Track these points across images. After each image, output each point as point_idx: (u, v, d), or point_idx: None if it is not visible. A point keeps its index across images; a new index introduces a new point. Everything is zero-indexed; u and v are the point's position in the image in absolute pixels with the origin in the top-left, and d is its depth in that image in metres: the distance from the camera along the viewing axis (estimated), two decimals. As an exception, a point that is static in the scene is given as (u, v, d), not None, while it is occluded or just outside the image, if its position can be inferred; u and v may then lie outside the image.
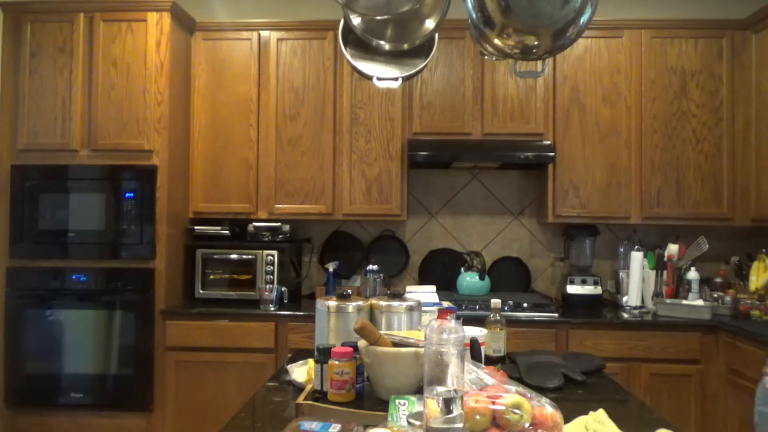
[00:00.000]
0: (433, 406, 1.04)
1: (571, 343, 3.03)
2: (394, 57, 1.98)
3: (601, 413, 1.34)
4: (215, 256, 3.35)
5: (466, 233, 3.77)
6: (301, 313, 3.14)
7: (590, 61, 3.40)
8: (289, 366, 1.84)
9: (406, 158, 3.38)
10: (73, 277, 3.17)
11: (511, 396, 1.13)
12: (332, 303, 1.82)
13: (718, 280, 3.37)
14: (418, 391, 1.41)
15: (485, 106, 3.41)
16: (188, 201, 3.47)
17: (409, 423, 1.15)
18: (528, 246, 3.75)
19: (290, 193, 3.45)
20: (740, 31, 3.35)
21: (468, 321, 1.80)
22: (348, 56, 1.98)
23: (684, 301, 3.04)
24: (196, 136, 3.48)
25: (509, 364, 1.95)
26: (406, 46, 1.90)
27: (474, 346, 1.75)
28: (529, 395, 1.15)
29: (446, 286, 3.55)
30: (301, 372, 1.79)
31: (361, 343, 1.57)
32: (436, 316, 1.12)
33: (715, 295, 3.25)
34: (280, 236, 3.44)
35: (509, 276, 3.72)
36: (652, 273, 3.32)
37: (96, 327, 3.15)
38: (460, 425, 1.04)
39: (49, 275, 3.17)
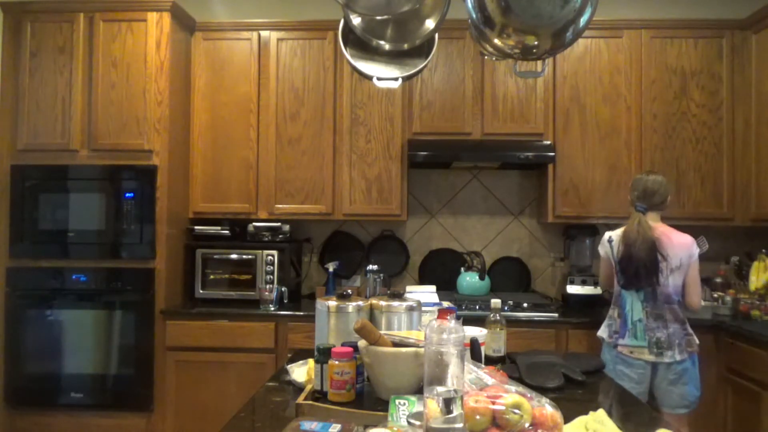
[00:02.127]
0: (433, 406, 1.04)
1: (571, 343, 3.03)
2: (394, 57, 1.98)
3: (601, 413, 1.33)
4: (215, 256, 3.35)
5: (466, 233, 3.77)
6: (301, 313, 3.14)
7: (590, 61, 3.40)
8: (289, 366, 1.84)
9: (406, 158, 3.38)
10: (73, 277, 3.17)
11: (511, 396, 1.13)
12: (332, 303, 1.82)
13: (718, 280, 3.37)
14: (418, 391, 1.41)
15: (485, 106, 3.41)
16: (188, 201, 3.47)
17: (409, 423, 1.15)
18: (528, 246, 3.75)
19: (290, 193, 3.45)
20: (740, 31, 3.35)
21: (468, 321, 1.80)
22: (348, 56, 1.98)
23: (684, 301, 3.04)
24: (196, 136, 3.48)
25: (509, 364, 1.95)
26: (406, 46, 1.90)
27: (474, 346, 1.75)
28: (529, 395, 1.15)
29: (446, 286, 3.55)
30: (301, 372, 1.79)
31: (361, 343, 1.57)
32: (436, 316, 1.12)
33: (715, 295, 3.25)
34: (280, 236, 3.43)
35: (509, 276, 3.72)
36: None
37: (96, 327, 3.15)
38: (460, 425, 1.04)
39: (49, 275, 3.17)
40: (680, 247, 2.60)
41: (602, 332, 2.74)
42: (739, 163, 3.35)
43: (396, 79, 1.95)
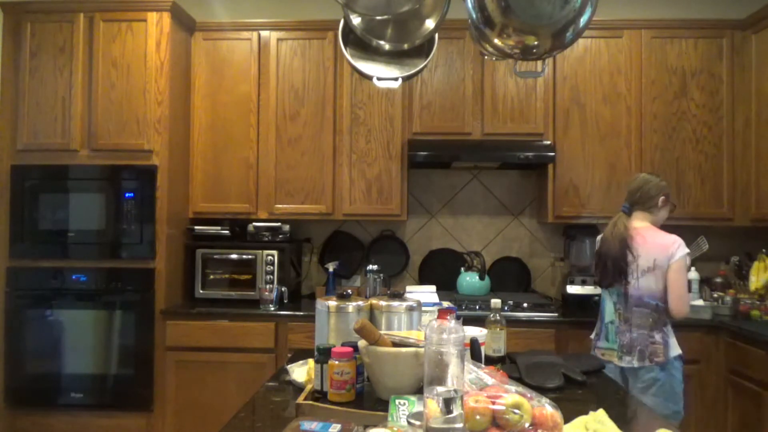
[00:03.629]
0: (433, 406, 1.04)
1: (571, 343, 3.03)
2: (394, 57, 1.98)
3: (601, 413, 1.34)
4: (215, 256, 3.35)
5: (466, 233, 3.77)
6: (301, 313, 3.14)
7: (590, 61, 3.40)
8: (289, 366, 1.84)
9: (406, 158, 3.38)
10: (73, 277, 3.16)
11: (511, 396, 1.13)
12: (332, 303, 1.82)
13: (718, 280, 3.37)
14: (418, 391, 1.41)
15: (485, 106, 3.41)
16: (188, 201, 3.47)
17: (409, 423, 1.15)
18: (528, 246, 3.75)
19: (290, 193, 3.45)
20: (740, 31, 3.35)
21: (468, 321, 1.80)
22: (348, 56, 1.98)
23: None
24: (196, 136, 3.48)
25: (509, 364, 1.95)
26: (406, 46, 1.90)
27: (474, 346, 1.75)
28: (529, 395, 1.15)
29: (446, 286, 3.55)
30: (301, 372, 1.79)
31: (361, 343, 1.57)
32: (436, 316, 1.12)
33: (715, 295, 3.25)
34: (280, 236, 3.43)
35: (509, 276, 3.72)
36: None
37: (96, 327, 3.15)
38: (460, 425, 1.04)
39: (49, 275, 3.17)
40: (656, 247, 2.47)
41: (593, 334, 2.73)
42: (739, 163, 3.35)
43: (396, 79, 1.95)
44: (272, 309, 3.18)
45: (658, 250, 2.47)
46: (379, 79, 1.94)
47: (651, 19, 3.44)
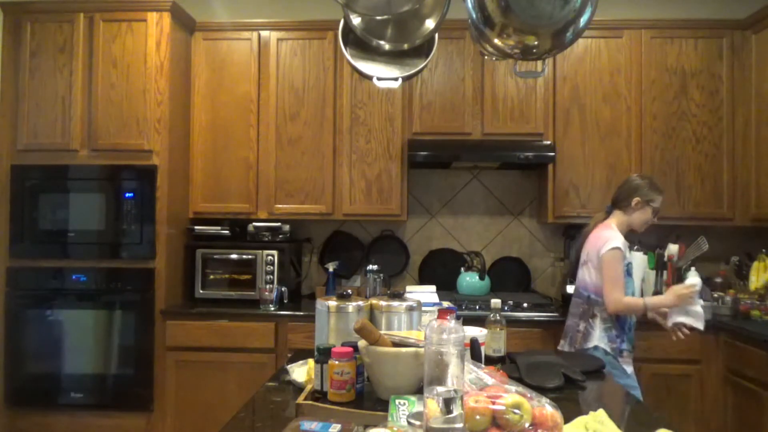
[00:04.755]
0: (433, 406, 1.04)
1: (571, 343, 3.03)
2: (394, 57, 1.98)
3: (601, 413, 1.34)
4: (215, 256, 3.35)
5: (466, 233, 3.77)
6: (301, 313, 3.14)
7: (590, 61, 3.40)
8: (289, 366, 1.84)
9: (406, 158, 3.38)
10: (73, 277, 3.16)
11: (511, 396, 1.13)
12: (332, 303, 1.82)
13: (718, 280, 3.36)
14: (418, 391, 1.41)
15: (485, 106, 3.41)
16: (188, 201, 3.47)
17: (409, 423, 1.15)
18: (528, 246, 3.75)
19: (290, 193, 3.45)
20: (740, 31, 3.35)
21: (468, 321, 1.80)
22: (348, 56, 1.98)
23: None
24: (196, 136, 3.48)
25: (509, 364, 1.95)
26: (406, 46, 1.91)
27: (474, 346, 1.75)
28: (529, 395, 1.15)
29: (446, 286, 3.55)
30: (301, 372, 1.79)
31: (361, 343, 1.57)
32: (436, 316, 1.12)
33: (715, 295, 3.25)
34: (280, 236, 3.43)
35: (509, 276, 3.72)
36: (652, 273, 3.31)
37: (96, 327, 3.15)
38: (460, 425, 1.04)
39: (49, 275, 3.17)
40: (590, 242, 2.58)
41: None
42: (739, 163, 3.35)
43: (396, 79, 1.95)
44: (272, 309, 3.18)
45: (591, 245, 2.57)
46: (379, 79, 1.94)
47: (651, 19, 3.44)
